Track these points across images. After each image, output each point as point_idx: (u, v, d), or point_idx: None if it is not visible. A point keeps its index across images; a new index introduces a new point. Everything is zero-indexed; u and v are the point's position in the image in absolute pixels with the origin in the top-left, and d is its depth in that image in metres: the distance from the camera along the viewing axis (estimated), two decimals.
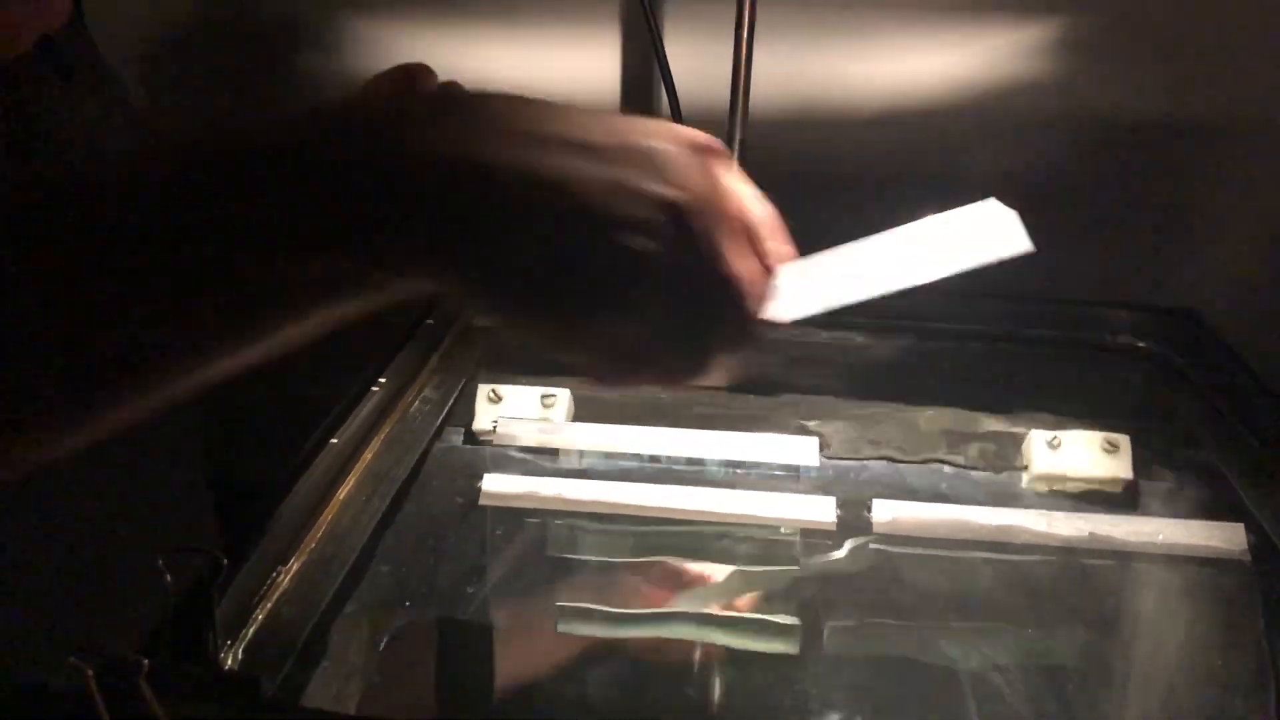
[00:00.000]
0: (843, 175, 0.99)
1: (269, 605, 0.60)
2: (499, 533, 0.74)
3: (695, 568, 0.71)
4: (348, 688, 0.64)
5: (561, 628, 0.67)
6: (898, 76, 0.99)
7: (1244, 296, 0.95)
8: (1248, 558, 0.64)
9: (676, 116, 0.97)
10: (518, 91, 0.41)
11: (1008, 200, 0.48)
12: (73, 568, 0.60)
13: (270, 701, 0.47)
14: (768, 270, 0.44)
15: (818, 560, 0.70)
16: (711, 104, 0.94)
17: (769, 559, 0.71)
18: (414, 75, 0.60)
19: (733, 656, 0.65)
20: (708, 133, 0.42)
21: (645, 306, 0.40)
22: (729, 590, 0.70)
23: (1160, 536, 0.65)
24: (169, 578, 0.45)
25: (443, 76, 0.50)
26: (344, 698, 0.63)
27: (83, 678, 0.40)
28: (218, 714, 0.44)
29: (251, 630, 0.58)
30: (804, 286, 0.46)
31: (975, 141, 0.99)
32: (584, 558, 0.73)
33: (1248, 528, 0.66)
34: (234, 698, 0.44)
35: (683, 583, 0.71)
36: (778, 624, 0.65)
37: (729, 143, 0.96)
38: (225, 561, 0.46)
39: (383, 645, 0.67)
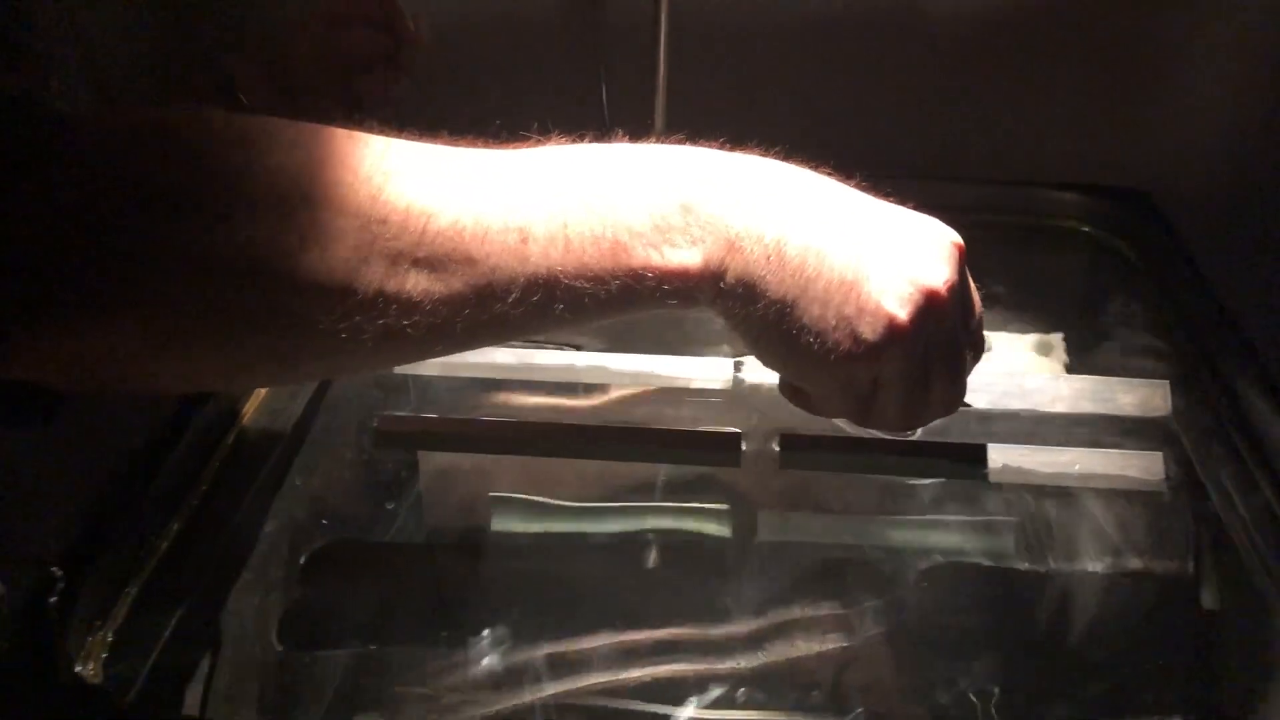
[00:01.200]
0: (788, 24, 0.92)
1: (181, 521, 0.61)
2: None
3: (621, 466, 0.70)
4: (268, 601, 0.64)
5: (496, 523, 0.67)
6: None
7: (1200, 177, 0.89)
8: (1164, 488, 0.63)
9: None
10: None
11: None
12: None
13: (124, 713, 0.46)
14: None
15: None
16: None
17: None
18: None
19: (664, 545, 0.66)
20: None
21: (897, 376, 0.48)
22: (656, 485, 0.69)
23: (1076, 467, 0.63)
24: (3, 590, 0.43)
25: None
26: (265, 610, 0.63)
27: None
28: None
29: (164, 545, 0.59)
30: None
31: None
32: (511, 456, 0.72)
33: (1169, 453, 0.64)
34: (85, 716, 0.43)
35: (609, 480, 0.70)
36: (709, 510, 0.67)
37: None
38: (60, 574, 0.45)
39: (303, 561, 0.67)
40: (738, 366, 0.71)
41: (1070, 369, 0.74)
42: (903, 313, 0.47)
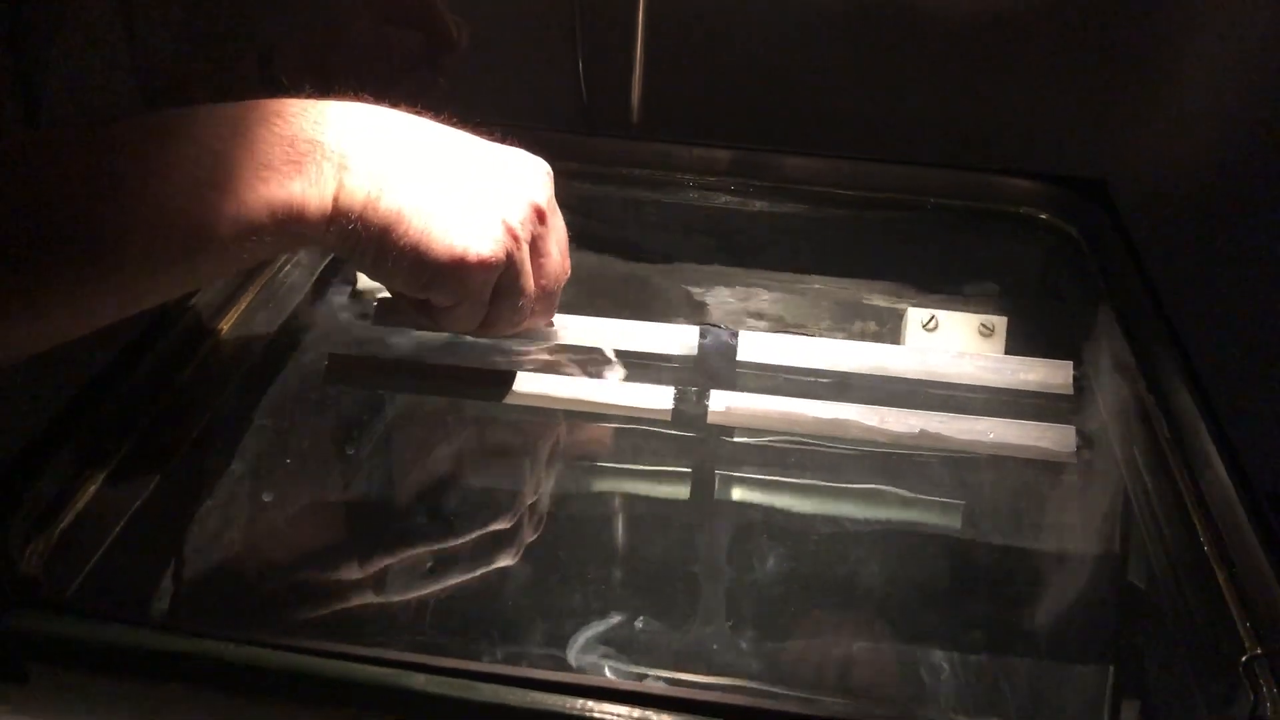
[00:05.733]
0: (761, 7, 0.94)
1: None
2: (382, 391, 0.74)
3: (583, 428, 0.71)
4: (229, 537, 0.66)
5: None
6: None
7: (1157, 171, 0.90)
8: (1074, 460, 0.64)
9: None
10: None
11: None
12: None
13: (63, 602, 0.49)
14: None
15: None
16: None
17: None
18: None
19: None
20: None
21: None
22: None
23: (990, 435, 0.65)
24: None
25: None
26: (227, 544, 0.65)
27: None
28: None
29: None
30: None
31: None
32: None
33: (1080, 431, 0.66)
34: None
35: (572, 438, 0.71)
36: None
37: None
38: None
39: (264, 499, 0.69)
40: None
41: (1008, 351, 0.75)
42: (518, 223, 0.55)
